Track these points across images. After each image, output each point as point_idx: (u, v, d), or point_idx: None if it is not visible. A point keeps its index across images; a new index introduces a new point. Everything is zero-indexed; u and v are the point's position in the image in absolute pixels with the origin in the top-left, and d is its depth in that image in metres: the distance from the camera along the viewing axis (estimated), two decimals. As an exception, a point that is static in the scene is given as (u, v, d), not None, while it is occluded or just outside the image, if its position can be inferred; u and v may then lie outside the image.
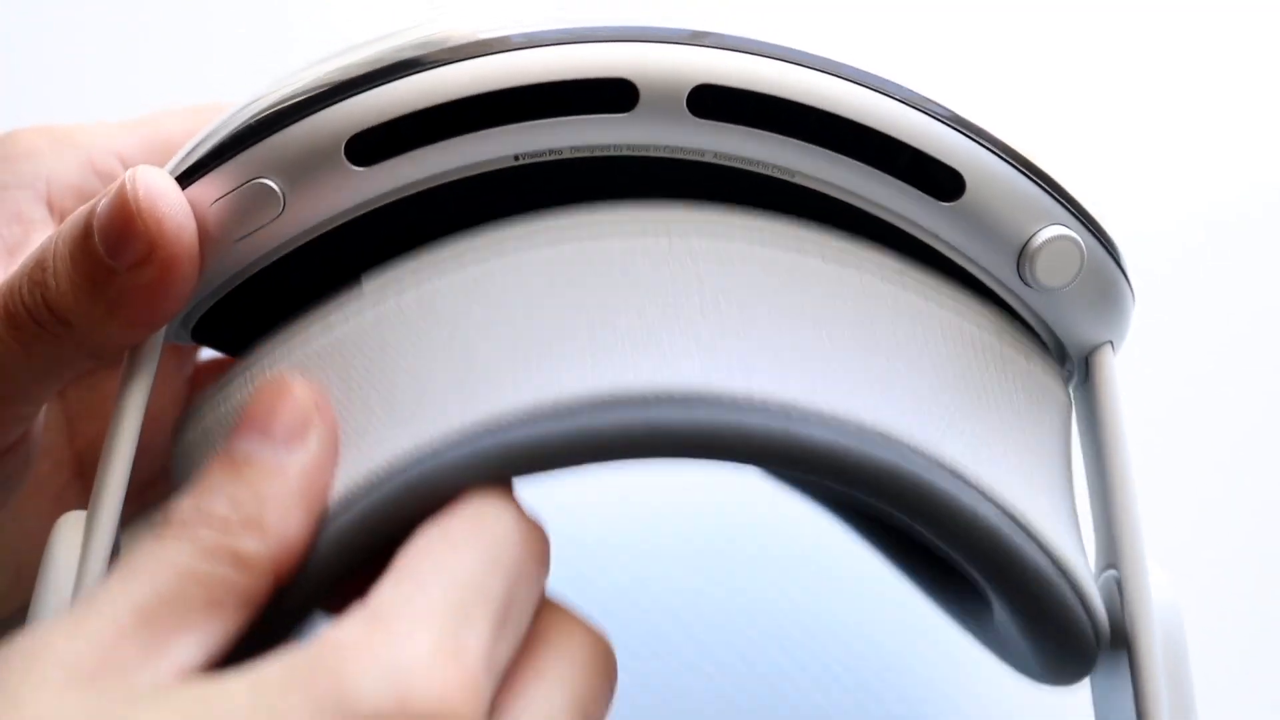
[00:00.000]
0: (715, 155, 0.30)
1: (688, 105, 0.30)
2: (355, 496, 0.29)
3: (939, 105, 0.31)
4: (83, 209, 0.31)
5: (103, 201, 0.30)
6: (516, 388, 0.29)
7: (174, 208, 0.30)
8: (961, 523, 0.29)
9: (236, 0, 0.55)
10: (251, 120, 0.30)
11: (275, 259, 0.31)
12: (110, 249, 0.30)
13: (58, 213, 0.36)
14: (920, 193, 0.30)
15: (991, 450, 0.31)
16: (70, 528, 0.31)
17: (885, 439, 0.29)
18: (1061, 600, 0.30)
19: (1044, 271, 0.31)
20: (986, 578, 0.30)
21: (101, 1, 0.55)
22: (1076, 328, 0.32)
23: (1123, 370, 0.34)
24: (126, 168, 0.36)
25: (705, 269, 0.30)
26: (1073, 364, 0.34)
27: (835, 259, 0.31)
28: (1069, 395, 0.34)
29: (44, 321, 0.31)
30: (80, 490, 0.38)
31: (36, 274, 0.31)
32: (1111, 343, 0.33)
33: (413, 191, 0.30)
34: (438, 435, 0.29)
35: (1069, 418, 0.34)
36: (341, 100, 0.30)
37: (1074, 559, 0.31)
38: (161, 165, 0.31)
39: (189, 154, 0.31)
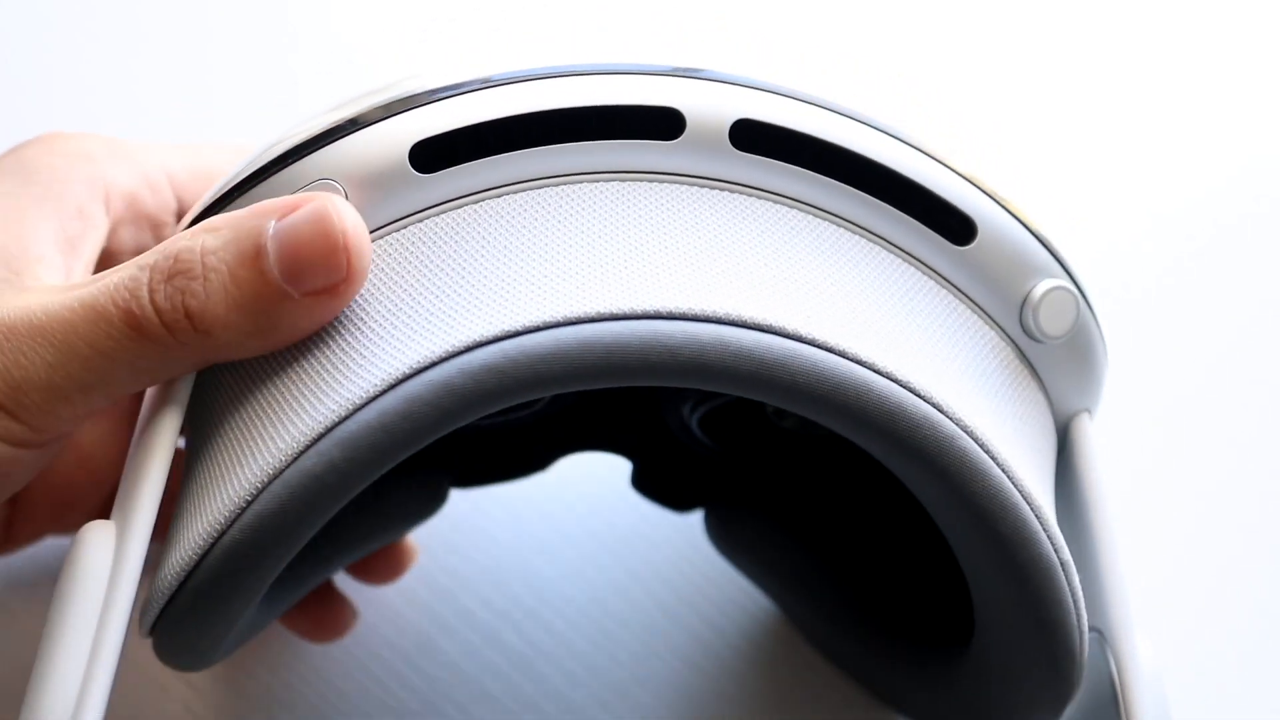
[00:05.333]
0: (751, 189, 0.33)
1: (730, 138, 0.32)
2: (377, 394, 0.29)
3: (956, 160, 0.34)
4: (245, 225, 0.31)
5: (285, 223, 0.30)
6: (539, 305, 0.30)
7: (368, 243, 0.31)
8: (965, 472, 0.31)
9: (238, 5, 0.55)
10: (321, 128, 0.32)
11: None
12: (292, 274, 0.30)
13: (112, 214, 0.36)
14: (937, 235, 0.33)
15: (1004, 431, 0.32)
16: (98, 534, 0.30)
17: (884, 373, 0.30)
18: (1051, 578, 0.31)
19: (1046, 320, 0.33)
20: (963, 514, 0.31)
21: (103, 7, 0.55)
22: (1063, 388, 0.35)
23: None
24: (174, 187, 0.37)
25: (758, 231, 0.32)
26: (1059, 437, 0.36)
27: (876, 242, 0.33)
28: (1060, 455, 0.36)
29: (177, 328, 0.31)
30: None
31: (180, 281, 0.31)
32: (1089, 411, 0.36)
33: (470, 202, 0.32)
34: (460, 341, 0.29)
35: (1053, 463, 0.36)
36: (413, 109, 0.32)
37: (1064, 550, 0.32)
38: (203, 192, 0.32)
39: (244, 170, 0.32)
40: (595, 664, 0.44)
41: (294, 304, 0.30)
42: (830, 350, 0.30)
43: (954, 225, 0.33)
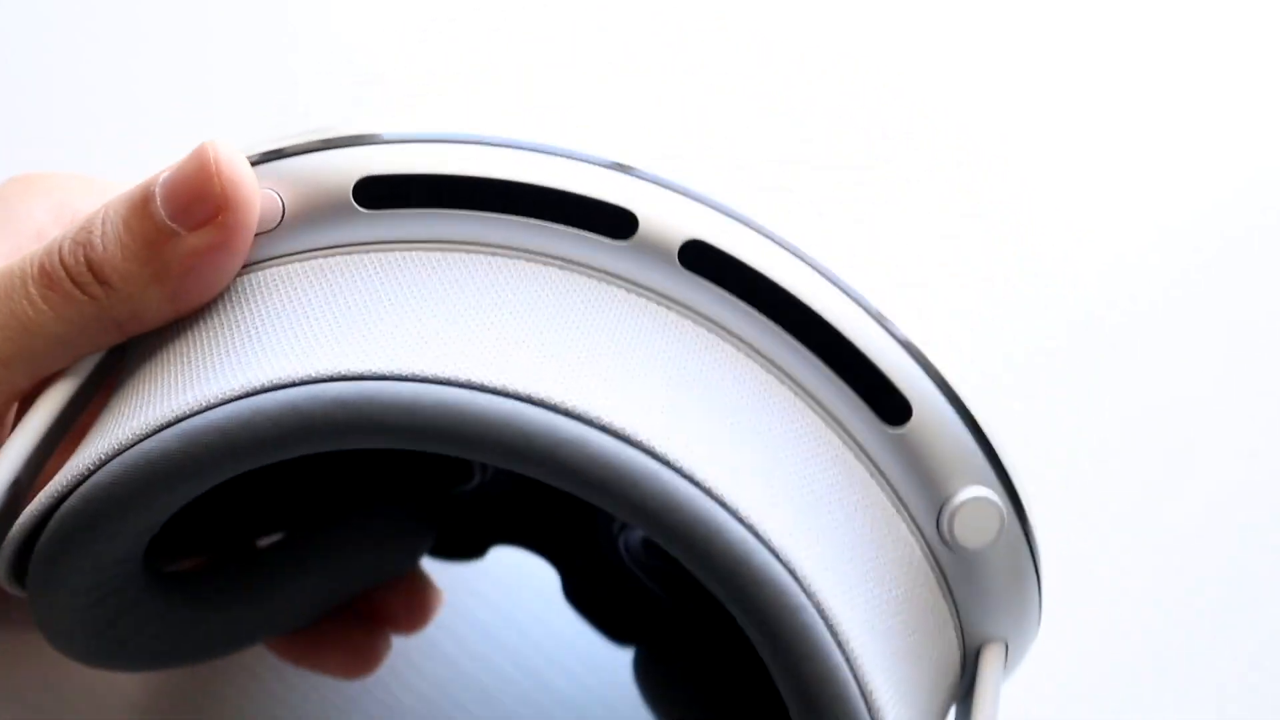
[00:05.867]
0: (696, 315, 0.31)
1: (679, 256, 0.31)
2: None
3: (905, 333, 0.31)
4: (139, 182, 0.32)
5: (168, 170, 0.32)
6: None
7: (248, 174, 0.31)
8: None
9: (238, 5, 0.55)
10: (280, 145, 0.32)
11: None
12: (175, 211, 0.31)
13: None
14: (869, 410, 0.31)
15: (874, 624, 0.30)
16: None
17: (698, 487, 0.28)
18: None
19: (961, 529, 0.31)
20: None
21: (103, 7, 0.55)
22: (974, 608, 0.32)
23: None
24: None
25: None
26: (966, 660, 0.33)
27: (783, 384, 0.32)
28: (959, 684, 0.33)
29: (83, 282, 0.32)
30: None
31: (81, 235, 0.32)
32: (1007, 645, 0.33)
33: (406, 249, 0.31)
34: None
35: (952, 697, 0.33)
36: (364, 145, 0.32)
37: None
38: None
39: None
40: (596, 663, 0.44)
41: (181, 241, 0.31)
42: (698, 485, 0.28)
43: (890, 404, 0.31)
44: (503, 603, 0.44)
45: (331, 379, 0.28)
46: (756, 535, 0.28)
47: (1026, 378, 0.50)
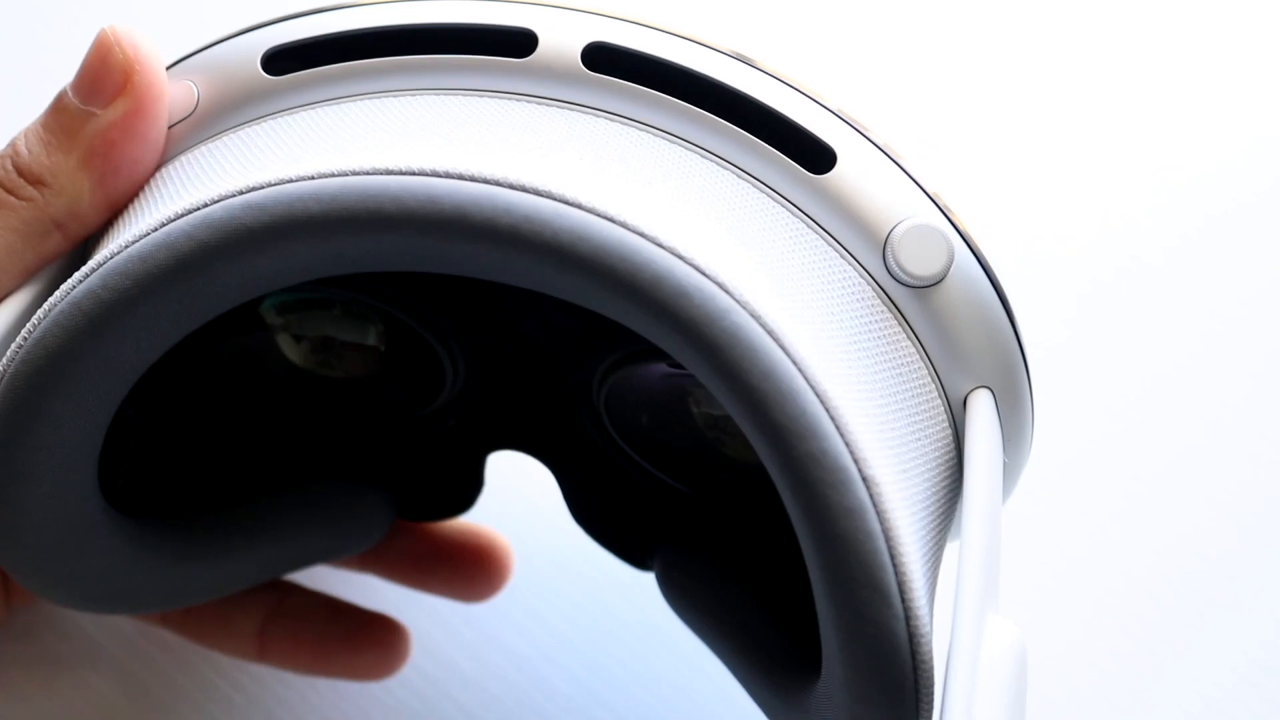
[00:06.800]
0: (600, 111, 0.32)
1: (582, 59, 0.32)
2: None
3: (818, 92, 0.32)
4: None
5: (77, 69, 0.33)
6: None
7: (149, 44, 0.33)
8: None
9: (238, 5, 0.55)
10: (190, 49, 0.34)
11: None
12: (86, 93, 0.32)
13: None
14: (791, 161, 0.31)
15: (824, 346, 0.29)
16: None
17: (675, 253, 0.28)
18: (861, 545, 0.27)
19: (908, 258, 0.30)
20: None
21: (103, 7, 0.55)
22: (948, 350, 0.31)
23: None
24: None
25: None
26: (955, 416, 0.32)
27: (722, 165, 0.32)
28: (955, 438, 0.32)
29: (15, 187, 0.32)
30: None
31: (7, 149, 0.33)
32: (992, 391, 0.31)
33: (313, 107, 0.32)
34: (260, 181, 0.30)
35: (954, 464, 0.31)
36: (267, 26, 0.33)
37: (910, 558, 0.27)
38: None
39: None
40: (596, 663, 0.44)
41: (98, 119, 0.32)
42: (610, 219, 0.27)
43: (811, 153, 0.31)
44: (502, 603, 0.44)
45: (242, 192, 0.29)
46: (692, 264, 0.27)
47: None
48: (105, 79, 0.32)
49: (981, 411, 0.31)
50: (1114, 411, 0.49)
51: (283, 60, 0.33)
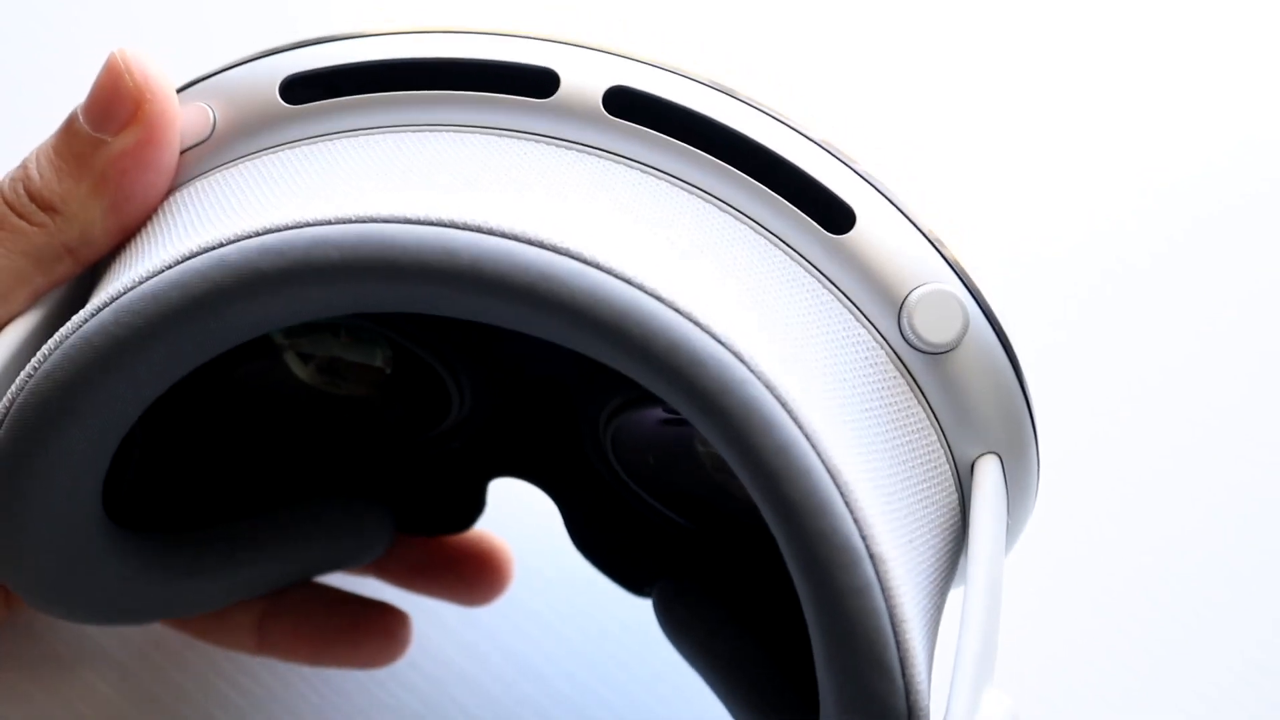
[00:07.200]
0: (620, 158, 0.31)
1: (603, 103, 0.31)
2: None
3: (842, 147, 0.31)
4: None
5: (87, 93, 0.33)
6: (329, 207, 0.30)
7: (159, 70, 0.32)
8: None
9: (239, 5, 0.55)
10: (207, 70, 0.33)
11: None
12: (97, 120, 0.32)
13: None
14: (812, 221, 0.31)
15: (834, 415, 0.28)
16: None
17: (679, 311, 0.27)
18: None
19: (924, 324, 0.30)
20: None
21: (104, 7, 0.55)
22: (957, 417, 0.31)
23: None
24: None
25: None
26: (961, 481, 0.32)
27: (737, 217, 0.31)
28: (961, 502, 0.32)
29: (26, 212, 0.32)
30: None
31: (18, 172, 0.33)
32: (1000, 457, 0.31)
33: (337, 138, 0.32)
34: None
35: (958, 527, 0.31)
36: (287, 51, 0.33)
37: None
38: None
39: None
40: (597, 663, 0.44)
41: (109, 146, 0.32)
42: (627, 280, 0.27)
43: (831, 212, 0.31)
44: (502, 603, 0.44)
45: (258, 234, 0.28)
46: (709, 332, 0.27)
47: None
48: (117, 106, 0.32)
49: (989, 478, 0.31)
50: (1105, 412, 0.50)
51: (302, 88, 0.32)
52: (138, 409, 0.30)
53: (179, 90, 0.33)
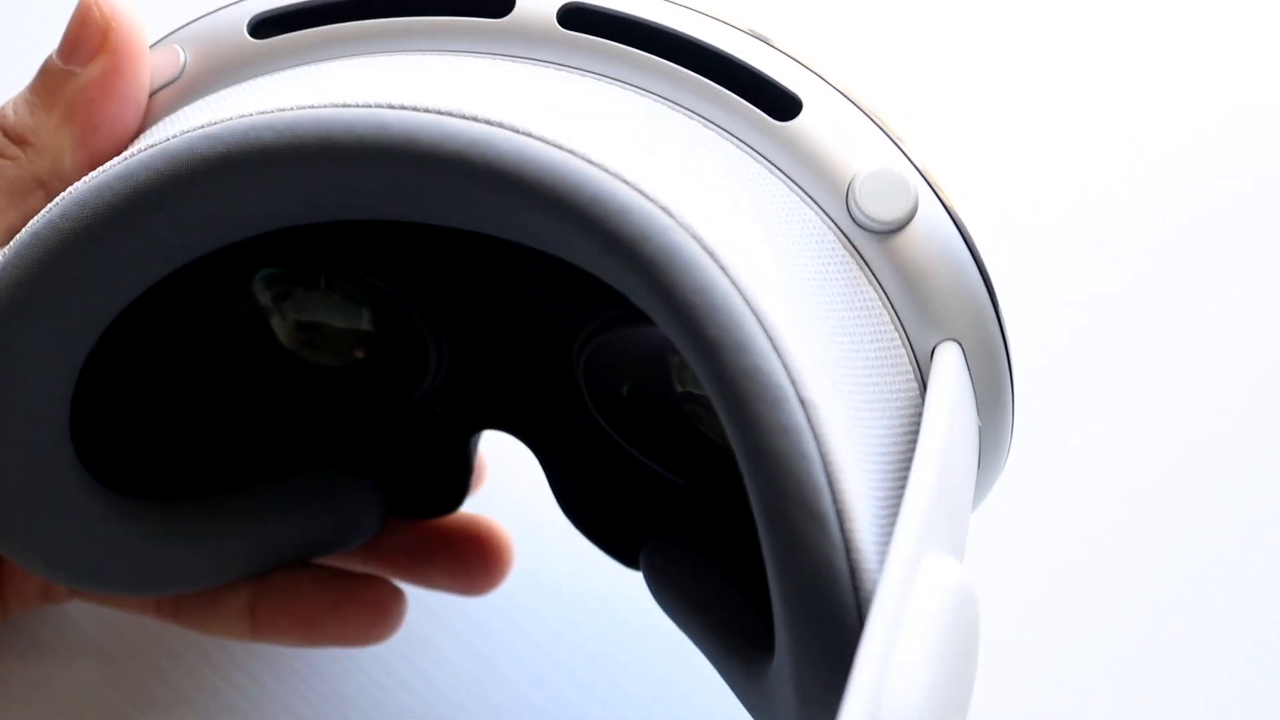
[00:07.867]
0: (580, 70, 0.32)
1: (558, 19, 0.32)
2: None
3: (786, 44, 0.32)
4: None
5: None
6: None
7: (127, 4, 0.34)
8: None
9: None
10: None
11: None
12: (66, 53, 0.33)
13: None
14: (758, 110, 0.31)
15: (773, 276, 0.28)
16: None
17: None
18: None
19: (870, 202, 0.30)
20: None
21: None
22: (911, 300, 0.30)
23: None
24: None
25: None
26: (922, 370, 0.31)
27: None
28: (923, 392, 0.30)
29: (2, 149, 0.33)
30: None
31: None
32: (961, 344, 0.31)
33: (294, 66, 0.33)
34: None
35: (920, 414, 0.30)
36: None
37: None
38: None
39: None
40: (597, 663, 0.44)
41: (77, 77, 0.33)
42: (555, 145, 0.28)
43: (777, 101, 0.31)
44: (502, 602, 0.44)
45: (204, 126, 0.29)
46: (635, 188, 0.27)
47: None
48: (84, 38, 0.33)
49: (945, 361, 0.30)
50: (1100, 412, 0.50)
51: (269, 26, 0.33)
52: (98, 318, 0.31)
53: (152, 46, 0.34)
